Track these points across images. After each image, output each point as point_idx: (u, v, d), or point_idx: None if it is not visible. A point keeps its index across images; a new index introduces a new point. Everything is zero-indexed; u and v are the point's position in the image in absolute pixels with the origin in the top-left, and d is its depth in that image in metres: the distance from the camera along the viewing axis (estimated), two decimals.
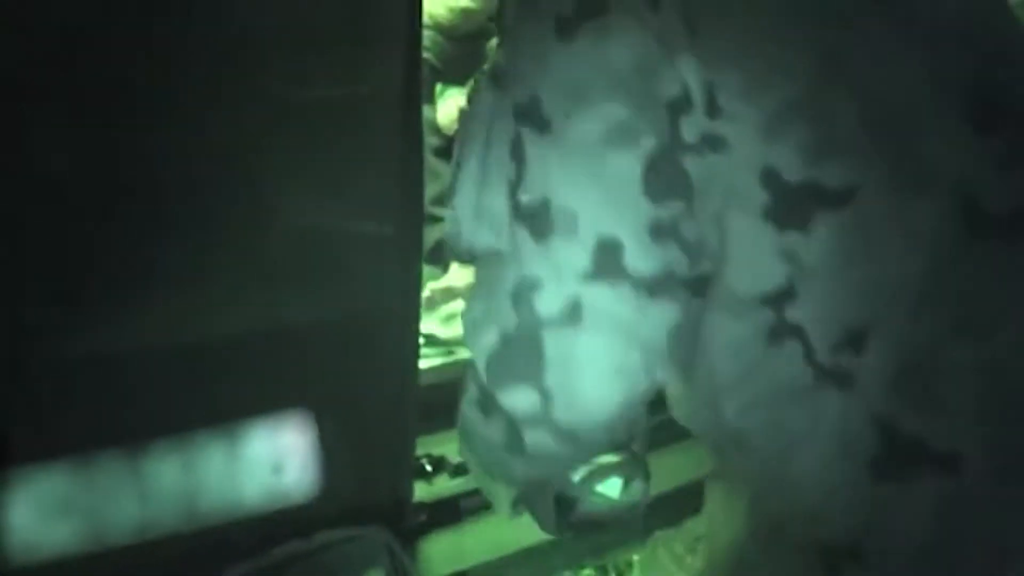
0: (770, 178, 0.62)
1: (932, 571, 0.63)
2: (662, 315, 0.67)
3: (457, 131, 0.83)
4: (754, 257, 0.65)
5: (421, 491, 1.57)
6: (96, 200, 0.98)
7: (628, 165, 0.64)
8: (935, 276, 0.62)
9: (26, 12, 0.83)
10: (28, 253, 0.93)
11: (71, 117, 0.91)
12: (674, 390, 0.74)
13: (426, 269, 1.85)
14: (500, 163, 0.69)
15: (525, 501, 0.80)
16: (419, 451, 1.61)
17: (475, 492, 1.63)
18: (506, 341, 0.69)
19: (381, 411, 1.31)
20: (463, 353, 1.66)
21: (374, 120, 1.11)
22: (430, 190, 1.91)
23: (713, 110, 0.63)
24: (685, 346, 0.68)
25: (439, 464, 1.59)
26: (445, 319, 1.74)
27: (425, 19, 1.99)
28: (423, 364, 1.61)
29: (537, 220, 0.67)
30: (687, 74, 0.62)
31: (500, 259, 0.70)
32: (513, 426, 0.71)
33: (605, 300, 0.66)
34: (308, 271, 1.17)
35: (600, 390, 0.69)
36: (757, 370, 0.65)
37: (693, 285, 0.67)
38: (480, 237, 0.72)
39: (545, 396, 0.69)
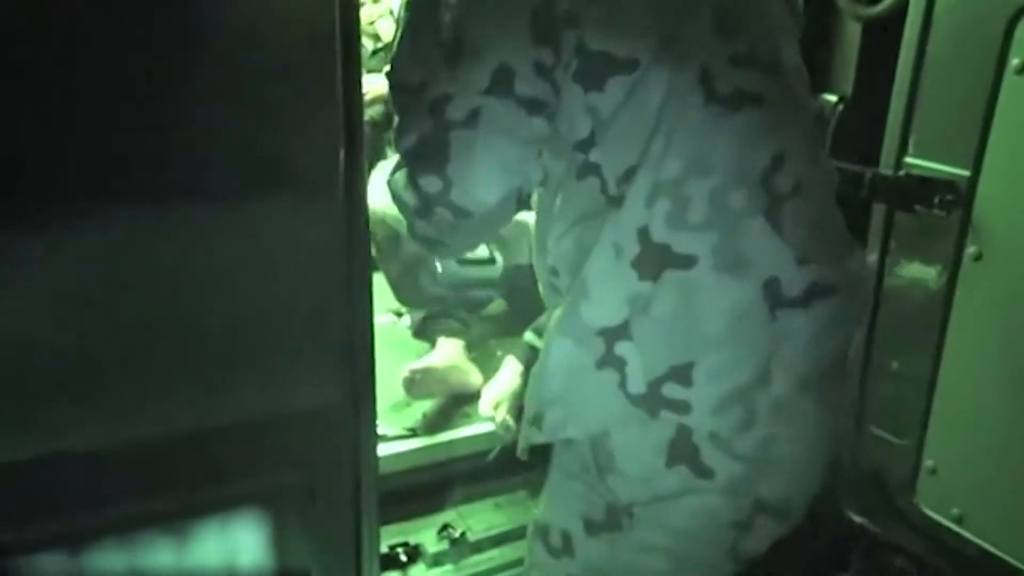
0: (580, 50, 0.91)
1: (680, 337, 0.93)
2: (537, 128, 0.94)
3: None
4: (572, 114, 0.93)
5: None
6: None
7: (520, 14, 0.90)
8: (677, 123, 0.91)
9: None
10: None
11: None
12: None
13: (416, 344, 1.81)
14: (428, 18, 0.93)
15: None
16: (394, 540, 1.56)
17: None
18: (423, 141, 0.95)
19: (339, 504, 1.25)
20: (443, 436, 1.63)
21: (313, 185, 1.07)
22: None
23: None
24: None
25: (414, 553, 1.52)
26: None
27: None
28: (400, 448, 1.57)
29: (453, 51, 0.91)
30: None
31: (423, 85, 0.94)
32: (425, 200, 0.97)
33: (497, 110, 0.91)
34: (255, 360, 1.13)
35: (488, 178, 0.94)
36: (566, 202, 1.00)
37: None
38: (411, 74, 0.96)
39: (447, 183, 0.95)
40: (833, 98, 1.58)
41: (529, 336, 1.73)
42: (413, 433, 1.60)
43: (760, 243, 0.92)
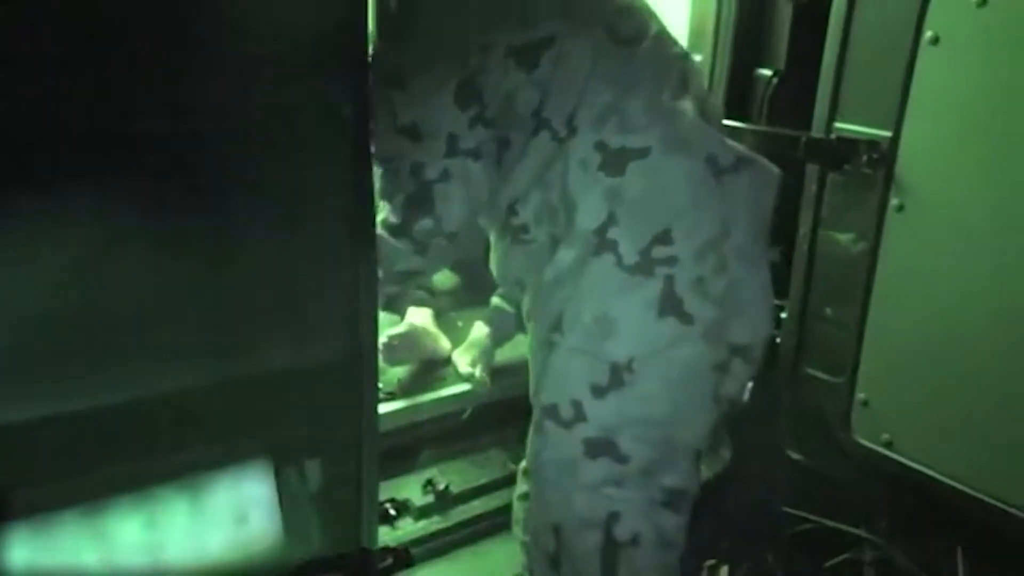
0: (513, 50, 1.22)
1: (654, 210, 1.19)
2: (481, 168, 1.26)
3: None
4: (521, 97, 1.22)
5: (386, 536, 1.57)
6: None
7: (446, 95, 1.22)
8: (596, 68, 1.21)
9: None
10: None
11: None
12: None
13: (383, 316, 1.87)
14: (386, 119, 1.25)
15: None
16: (381, 497, 1.62)
17: (441, 535, 1.65)
18: (409, 198, 1.27)
19: (343, 458, 1.31)
20: (422, 397, 1.70)
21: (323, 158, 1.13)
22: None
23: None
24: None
25: (402, 508, 1.59)
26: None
27: None
28: (381, 409, 1.63)
29: (412, 133, 1.24)
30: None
31: (400, 159, 1.26)
32: (420, 240, 1.29)
33: (456, 165, 1.24)
34: (262, 319, 1.17)
35: (461, 211, 1.28)
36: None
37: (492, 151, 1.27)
38: (389, 154, 1.27)
39: (436, 220, 1.28)
40: (768, 72, 1.73)
41: (496, 300, 1.83)
42: (392, 396, 1.66)
43: (694, 129, 1.20)
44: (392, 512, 1.57)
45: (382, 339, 1.69)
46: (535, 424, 1.28)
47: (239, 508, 1.18)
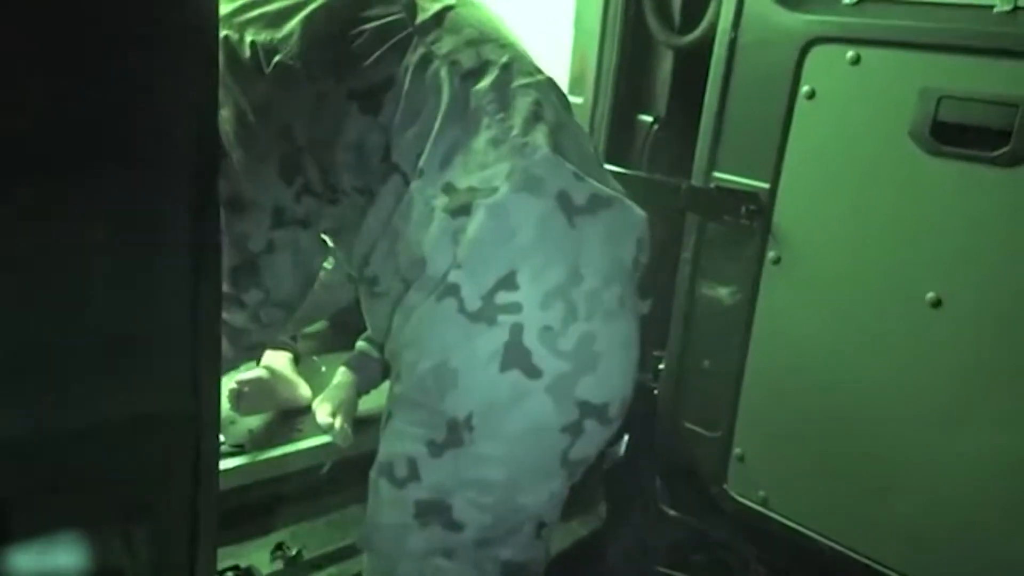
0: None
1: (499, 251, 1.09)
2: (311, 236, 1.25)
3: None
4: (367, 146, 1.17)
5: None
6: None
7: (270, 167, 1.19)
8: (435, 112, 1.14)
9: None
10: None
11: None
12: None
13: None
14: None
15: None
16: (223, 564, 1.45)
17: None
18: (235, 269, 1.23)
19: (174, 522, 1.15)
20: (275, 451, 1.55)
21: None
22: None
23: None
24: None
25: None
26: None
27: None
28: (227, 465, 1.46)
29: (236, 207, 1.20)
30: None
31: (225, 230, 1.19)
32: (252, 310, 1.26)
33: (283, 235, 1.22)
34: (76, 360, 1.01)
35: (293, 280, 1.27)
36: None
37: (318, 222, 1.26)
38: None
39: (266, 291, 1.25)
40: (649, 118, 1.71)
41: (361, 344, 1.70)
42: (240, 450, 1.50)
43: (545, 165, 1.10)
44: None
45: (231, 385, 1.53)
46: (371, 483, 1.17)
47: None
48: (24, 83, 0.89)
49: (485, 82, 1.15)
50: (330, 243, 1.36)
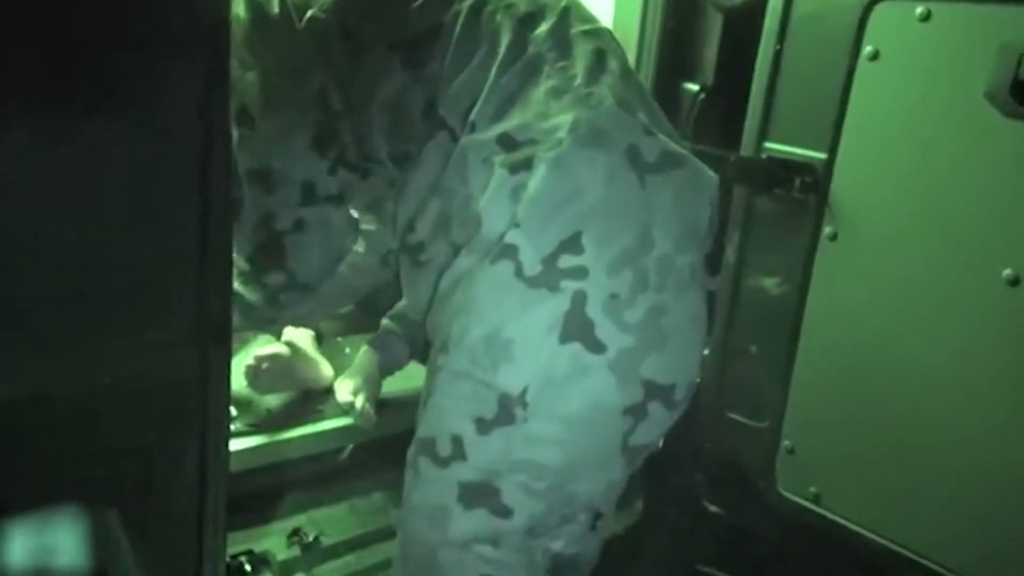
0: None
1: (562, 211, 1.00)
2: (343, 214, 1.20)
3: None
4: (409, 108, 1.10)
5: None
6: None
7: (303, 139, 1.12)
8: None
9: None
10: None
11: None
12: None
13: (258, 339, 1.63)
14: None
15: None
16: (236, 549, 1.37)
17: None
18: (258, 248, 1.19)
19: (180, 500, 1.08)
20: (293, 432, 1.47)
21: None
22: None
23: None
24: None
25: (260, 563, 1.34)
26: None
27: None
28: (242, 445, 1.39)
29: (262, 182, 1.15)
30: None
31: (245, 208, 1.17)
32: (270, 293, 1.23)
33: (313, 213, 1.16)
34: (70, 320, 0.95)
35: (319, 262, 1.22)
36: None
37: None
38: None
39: (289, 273, 1.20)
40: (695, 87, 1.61)
41: (386, 322, 1.62)
42: (256, 429, 1.42)
43: (612, 117, 1.02)
44: (248, 568, 1.32)
45: (248, 360, 1.45)
46: (409, 461, 1.08)
47: (41, 560, 0.94)
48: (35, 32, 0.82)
49: (544, 27, 1.06)
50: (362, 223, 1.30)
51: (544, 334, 0.97)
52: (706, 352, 1.65)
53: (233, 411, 1.35)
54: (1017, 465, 1.25)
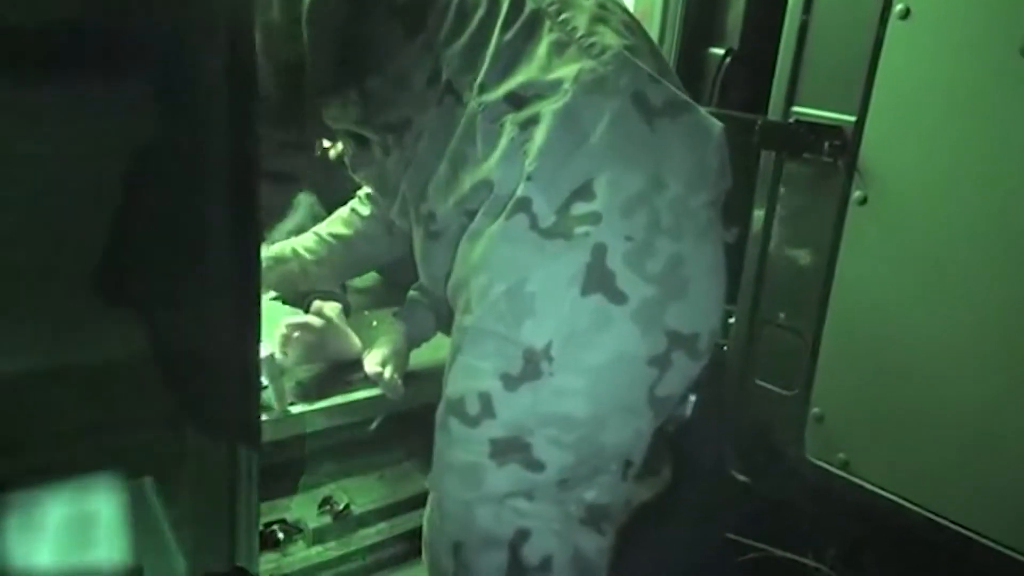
0: None
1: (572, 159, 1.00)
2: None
3: None
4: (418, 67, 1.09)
5: (271, 563, 1.34)
6: None
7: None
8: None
9: None
10: None
11: None
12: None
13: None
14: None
15: None
16: (269, 518, 1.40)
17: (339, 562, 1.43)
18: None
19: (213, 470, 1.09)
20: (323, 403, 1.49)
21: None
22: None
23: None
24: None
25: (293, 531, 1.36)
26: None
27: None
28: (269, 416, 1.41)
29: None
30: None
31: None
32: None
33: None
34: (124, 302, 0.96)
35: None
36: None
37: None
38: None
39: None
40: (720, 51, 1.59)
41: (413, 294, 1.63)
42: (289, 401, 1.44)
43: (617, 64, 1.01)
44: (280, 536, 1.34)
45: (280, 329, 1.47)
46: (439, 422, 1.08)
47: (82, 528, 0.97)
48: None
49: None
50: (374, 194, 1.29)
51: (565, 287, 0.97)
52: (732, 320, 1.64)
53: (264, 381, 1.36)
54: None
